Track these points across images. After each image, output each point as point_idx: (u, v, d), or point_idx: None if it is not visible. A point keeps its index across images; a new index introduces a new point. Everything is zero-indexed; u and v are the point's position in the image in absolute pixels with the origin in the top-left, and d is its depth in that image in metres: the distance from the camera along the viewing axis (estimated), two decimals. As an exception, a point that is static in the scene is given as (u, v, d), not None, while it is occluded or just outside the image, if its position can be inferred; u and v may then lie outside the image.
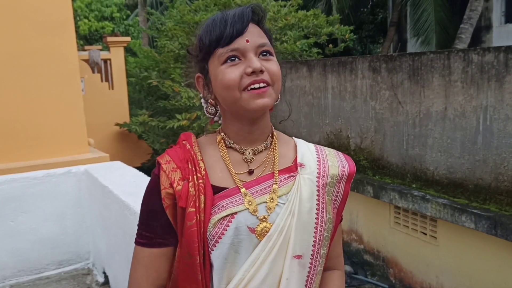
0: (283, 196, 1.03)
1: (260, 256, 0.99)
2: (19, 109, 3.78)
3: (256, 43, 0.99)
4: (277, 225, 1.00)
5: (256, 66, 0.96)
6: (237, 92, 0.97)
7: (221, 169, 1.05)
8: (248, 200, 1.01)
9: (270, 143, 1.09)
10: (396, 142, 5.04)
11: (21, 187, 3.44)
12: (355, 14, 14.93)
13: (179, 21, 8.92)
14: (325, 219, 1.05)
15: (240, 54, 0.97)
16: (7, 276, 3.42)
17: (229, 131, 1.07)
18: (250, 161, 1.06)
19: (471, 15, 9.17)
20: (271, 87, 0.99)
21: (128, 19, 17.39)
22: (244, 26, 0.98)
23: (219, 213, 1.00)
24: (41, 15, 3.92)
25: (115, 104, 9.03)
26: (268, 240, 0.99)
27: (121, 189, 2.87)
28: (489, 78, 3.98)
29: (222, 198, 1.01)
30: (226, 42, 0.97)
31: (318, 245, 1.04)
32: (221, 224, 0.99)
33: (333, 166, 1.10)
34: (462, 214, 4.09)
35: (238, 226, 0.99)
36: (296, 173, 1.06)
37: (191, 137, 1.10)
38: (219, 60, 0.99)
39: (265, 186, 1.04)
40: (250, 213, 1.00)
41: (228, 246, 0.99)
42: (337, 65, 5.85)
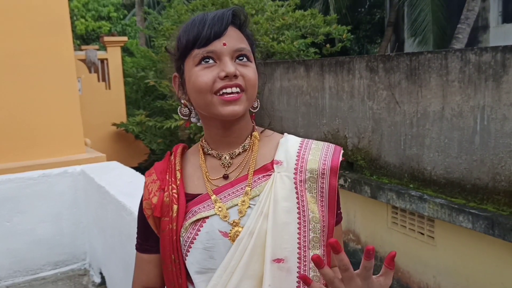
0: (255, 198, 0.99)
1: (232, 260, 0.96)
2: (14, 109, 3.77)
3: (234, 47, 0.96)
4: (247, 227, 0.96)
5: (229, 70, 0.93)
6: (209, 95, 0.95)
7: (198, 177, 1.06)
8: (218, 206, 1.00)
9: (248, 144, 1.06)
10: (393, 142, 5.04)
11: (17, 188, 3.42)
12: (352, 14, 14.93)
13: (177, 20, 8.91)
14: (308, 219, 0.98)
15: (215, 56, 0.95)
16: (3, 277, 3.40)
17: (207, 137, 1.08)
18: (227, 165, 1.04)
19: (468, 15, 9.18)
20: (244, 93, 0.96)
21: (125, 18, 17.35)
22: (223, 29, 0.96)
23: (191, 218, 1.01)
24: (37, 14, 3.91)
25: (112, 104, 9.01)
26: (238, 244, 0.96)
27: (117, 190, 2.86)
28: (486, 78, 3.98)
29: (194, 204, 1.02)
30: (203, 44, 0.95)
31: (304, 247, 0.97)
32: (192, 229, 1.00)
33: (313, 160, 1.02)
34: (459, 214, 4.08)
35: (210, 231, 0.98)
36: (272, 171, 1.01)
37: (179, 148, 1.12)
38: (194, 61, 0.97)
39: (238, 188, 1.01)
40: (220, 218, 0.99)
41: (200, 251, 0.99)
42: (334, 65, 5.84)
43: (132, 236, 2.49)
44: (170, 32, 8.66)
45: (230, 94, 0.94)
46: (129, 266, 2.63)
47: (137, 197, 2.64)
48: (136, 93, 9.81)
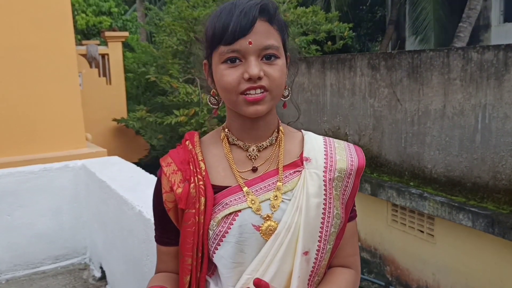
0: (288, 192, 1.00)
1: (268, 255, 0.97)
2: (16, 103, 3.77)
3: (260, 45, 0.93)
4: (284, 222, 0.97)
5: (253, 73, 0.92)
6: (234, 95, 0.95)
7: (223, 168, 1.04)
8: (251, 199, 0.98)
9: (275, 139, 1.06)
10: (394, 140, 5.04)
11: (18, 182, 3.41)
12: (353, 12, 14.90)
13: (178, 17, 8.89)
14: (333, 215, 1.01)
15: (240, 55, 0.94)
16: (3, 271, 3.40)
17: (232, 127, 1.05)
18: (254, 158, 1.03)
19: (470, 13, 9.17)
20: (268, 93, 0.95)
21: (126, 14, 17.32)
22: (249, 26, 0.92)
23: (223, 211, 0.98)
24: (39, 9, 3.90)
25: (112, 100, 9.00)
26: (276, 238, 0.97)
27: (119, 184, 2.85)
28: (488, 76, 3.98)
29: (225, 196, 1.00)
30: (228, 41, 0.93)
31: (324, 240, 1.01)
32: (224, 222, 0.98)
33: (341, 160, 1.05)
34: (459, 212, 4.09)
35: (243, 224, 0.97)
36: (302, 168, 1.03)
37: (194, 136, 1.09)
38: (220, 58, 0.95)
39: (269, 183, 1.01)
40: (253, 212, 0.98)
41: (233, 245, 0.97)
42: (336, 62, 5.84)
43: (133, 231, 2.50)
44: (171, 28, 8.64)
45: (254, 95, 0.94)
46: (130, 260, 2.63)
47: (139, 192, 2.65)
48: (137, 89, 9.80)
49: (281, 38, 0.99)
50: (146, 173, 3.17)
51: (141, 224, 2.32)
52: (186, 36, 8.39)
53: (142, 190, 2.68)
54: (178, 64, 8.34)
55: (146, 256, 2.29)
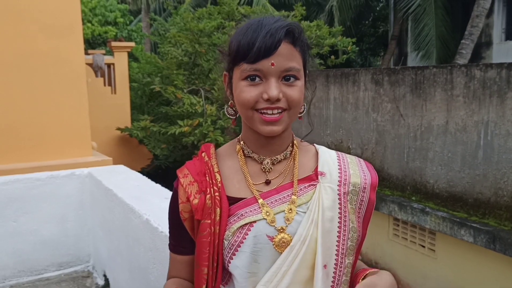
0: (302, 205, 1.02)
1: (283, 267, 0.98)
2: (24, 110, 3.81)
3: (282, 67, 0.95)
4: (299, 235, 0.99)
5: (272, 95, 0.94)
6: (250, 111, 0.98)
7: (238, 180, 1.06)
8: (265, 211, 1.00)
9: (290, 153, 1.08)
10: (396, 154, 5.08)
11: (25, 188, 3.44)
12: (356, 27, 15.06)
13: (183, 28, 8.98)
14: (348, 228, 1.03)
15: (262, 75, 0.95)
16: (8, 277, 3.42)
17: (247, 140, 1.07)
18: (268, 171, 1.05)
19: (472, 31, 9.26)
20: (286, 112, 0.98)
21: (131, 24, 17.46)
22: (273, 48, 0.94)
23: (238, 222, 1.00)
24: (49, 17, 3.96)
25: (117, 109, 9.05)
26: (291, 250, 0.99)
27: (125, 193, 2.88)
28: (491, 93, 4.03)
29: (240, 208, 1.02)
30: (251, 60, 0.94)
31: (341, 254, 1.02)
32: (240, 233, 1.00)
33: (355, 175, 1.08)
34: (461, 227, 4.11)
35: (257, 235, 0.99)
36: (317, 181, 1.05)
37: (210, 148, 1.11)
38: (241, 74, 0.98)
39: (284, 195, 1.03)
40: (268, 223, 1.00)
41: (247, 255, 0.99)
42: (339, 76, 5.90)
43: (139, 240, 2.53)
44: (176, 39, 8.73)
45: (271, 115, 0.97)
46: (134, 269, 2.65)
47: (145, 201, 2.68)
48: (141, 99, 9.85)
49: (302, 59, 1.02)
50: (152, 182, 3.20)
51: (148, 233, 2.34)
52: (191, 47, 8.47)
53: (149, 199, 2.72)
54: (183, 75, 8.41)
55: (152, 265, 2.32)
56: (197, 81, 8.58)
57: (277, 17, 1.00)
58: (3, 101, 3.73)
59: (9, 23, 3.76)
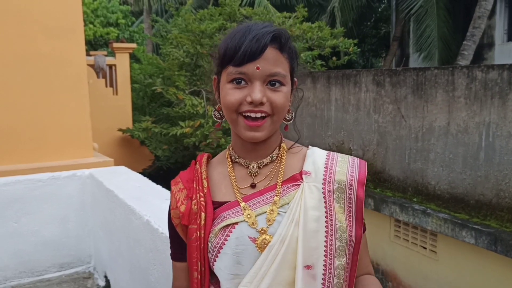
0: (285, 206, 1.02)
1: (262, 267, 0.99)
2: (25, 111, 3.82)
3: (267, 71, 0.96)
4: (278, 234, 0.99)
5: (256, 98, 0.95)
6: (234, 114, 0.99)
7: (225, 185, 1.09)
8: (247, 214, 1.02)
9: (276, 156, 1.09)
10: (398, 155, 5.07)
11: (26, 189, 3.45)
12: (358, 28, 15.06)
13: (184, 29, 8.99)
14: (335, 228, 1.01)
15: (247, 78, 0.97)
16: (9, 277, 3.43)
17: (235, 146, 1.10)
18: (255, 174, 1.07)
19: (474, 32, 9.25)
20: (270, 117, 0.99)
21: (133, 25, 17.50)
22: (259, 52, 0.95)
23: (220, 224, 1.03)
24: (50, 19, 3.97)
25: (118, 110, 9.07)
26: (270, 250, 0.99)
27: (126, 194, 2.88)
28: (492, 95, 4.02)
29: (223, 210, 1.04)
30: (237, 64, 0.96)
31: (330, 255, 1.00)
32: (222, 234, 1.02)
33: (341, 172, 1.06)
34: (462, 229, 4.10)
35: (239, 236, 1.01)
36: (301, 181, 1.05)
37: (203, 157, 1.14)
38: (227, 77, 0.99)
39: (267, 197, 1.04)
40: (249, 225, 1.01)
41: (230, 256, 1.00)
42: (341, 77, 5.89)
43: (140, 241, 2.53)
44: (178, 40, 8.74)
45: (254, 119, 0.98)
46: (135, 270, 2.65)
47: (146, 202, 2.68)
48: (143, 100, 9.86)
49: (289, 66, 1.02)
50: (153, 183, 3.20)
51: (149, 234, 2.35)
52: (192, 49, 8.48)
53: (150, 200, 2.72)
54: (184, 76, 8.42)
55: (153, 266, 2.32)
56: (199, 82, 8.59)
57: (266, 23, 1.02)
58: (5, 102, 3.74)
59: (11, 25, 3.77)
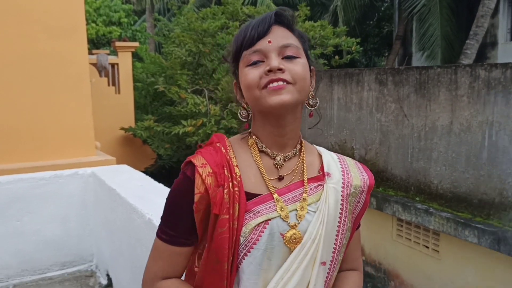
0: (312, 204, 1.05)
1: (294, 263, 1.01)
2: (28, 110, 3.82)
3: (280, 43, 0.99)
4: (310, 233, 1.02)
5: (273, 65, 0.96)
6: (257, 90, 0.98)
7: (254, 174, 1.05)
8: (280, 207, 1.02)
9: (299, 150, 1.11)
10: (400, 154, 5.06)
11: (28, 187, 3.45)
12: (361, 27, 15.02)
13: (187, 28, 8.98)
14: (346, 228, 1.08)
15: (262, 55, 0.99)
16: (11, 276, 3.43)
17: (260, 134, 1.07)
18: (280, 167, 1.06)
19: (477, 31, 9.22)
20: (291, 85, 0.98)
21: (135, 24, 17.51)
22: (266, 28, 0.99)
23: (255, 219, 1.00)
24: (52, 18, 3.97)
25: (121, 108, 9.07)
26: (302, 248, 1.02)
27: (128, 192, 2.88)
28: (495, 93, 4.01)
29: (256, 204, 1.02)
30: (249, 44, 1.00)
31: (337, 252, 1.07)
32: (256, 230, 1.00)
33: (356, 177, 1.12)
34: (465, 228, 4.09)
35: (272, 233, 1.01)
36: (324, 182, 1.09)
37: (225, 139, 1.08)
38: (244, 62, 1.01)
39: (296, 194, 1.05)
40: (282, 219, 1.01)
41: (262, 252, 1.00)
42: (343, 76, 5.88)
43: (141, 239, 2.53)
44: (180, 39, 8.73)
45: (276, 86, 0.97)
46: (137, 268, 2.65)
47: (148, 200, 2.68)
48: (145, 98, 9.86)
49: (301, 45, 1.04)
50: (156, 182, 3.20)
51: (151, 233, 2.34)
52: (195, 48, 8.47)
53: (152, 199, 2.71)
54: (187, 75, 8.42)
55: (154, 264, 2.31)
56: (201, 81, 8.59)
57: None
58: (7, 101, 3.74)
59: (13, 24, 3.77)
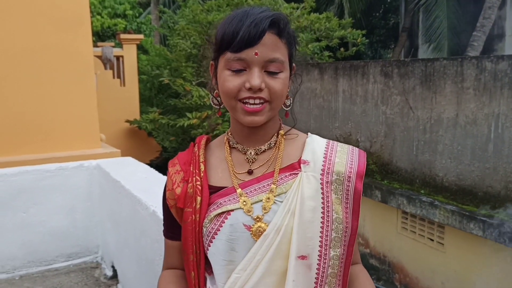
0: (281, 195, 1.01)
1: (257, 255, 0.99)
2: (33, 103, 3.83)
3: (266, 57, 0.95)
4: (274, 224, 0.99)
5: (254, 84, 0.94)
6: (233, 101, 0.99)
7: (222, 169, 1.08)
8: (243, 200, 1.01)
9: (274, 142, 1.08)
10: (406, 147, 5.04)
11: (34, 179, 3.47)
12: (366, 19, 14.91)
13: (192, 20, 8.97)
14: (332, 219, 1.01)
15: (246, 64, 0.96)
16: (17, 267, 3.46)
17: (233, 131, 1.10)
18: (252, 161, 1.07)
19: (484, 23, 9.14)
20: (268, 104, 0.98)
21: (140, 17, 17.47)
22: (257, 37, 0.94)
23: (216, 210, 1.02)
24: (57, 10, 3.96)
25: (126, 101, 9.09)
26: (264, 239, 0.98)
27: (133, 185, 2.89)
28: (502, 86, 3.98)
29: (219, 197, 1.04)
30: (235, 49, 0.95)
31: (325, 245, 1.00)
32: (217, 221, 1.02)
33: (340, 163, 1.05)
34: (470, 221, 4.08)
35: (234, 223, 1.00)
36: (299, 170, 1.04)
37: (202, 139, 1.14)
38: (225, 63, 0.98)
39: (264, 184, 1.03)
40: (244, 212, 1.01)
41: (223, 242, 1.00)
42: (348, 68, 5.86)
43: (146, 231, 2.54)
44: (185, 31, 8.72)
45: (253, 105, 0.97)
46: (142, 260, 2.67)
47: (153, 193, 2.69)
48: (150, 91, 9.87)
49: (288, 51, 1.01)
50: (160, 174, 3.21)
51: (155, 224, 2.35)
52: (200, 40, 8.46)
53: (156, 191, 2.72)
54: (192, 67, 8.41)
55: (159, 256, 2.32)
56: (206, 74, 8.57)
57: (264, 8, 1.01)
58: (13, 94, 3.75)
59: (18, 17, 3.77)
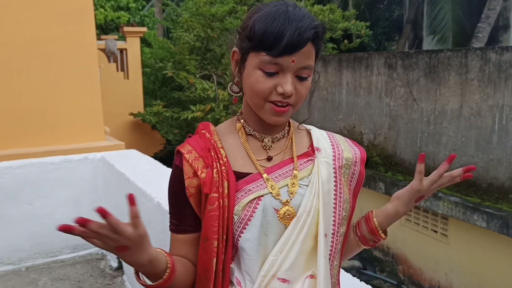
0: (304, 179, 1.08)
1: (291, 237, 1.04)
2: (37, 95, 3.84)
3: (300, 65, 0.98)
4: (304, 206, 1.05)
5: (288, 90, 0.98)
6: (262, 101, 1.01)
7: (241, 156, 1.09)
8: (270, 185, 1.05)
9: (287, 131, 1.15)
10: (409, 139, 5.04)
11: (39, 172, 3.50)
12: (371, 11, 14.82)
13: (195, 13, 8.93)
14: (343, 199, 1.10)
15: (279, 68, 0.98)
16: (23, 258, 3.50)
17: (249, 119, 1.11)
18: (269, 148, 1.10)
19: (489, 14, 9.08)
20: (293, 107, 1.03)
21: (144, 9, 17.43)
22: (299, 47, 0.96)
23: (247, 197, 1.04)
24: (61, 3, 3.97)
25: (130, 94, 9.09)
26: (297, 221, 1.04)
27: (137, 177, 2.91)
28: (506, 77, 3.96)
29: (247, 183, 1.05)
30: (274, 54, 0.96)
31: (338, 224, 1.09)
32: (249, 207, 1.03)
33: (346, 150, 1.16)
34: (474, 212, 4.08)
35: (265, 208, 1.03)
36: (314, 156, 1.12)
37: (209, 126, 1.14)
38: (259, 63, 0.99)
39: (286, 170, 1.08)
40: (273, 197, 1.04)
41: (258, 228, 1.03)
42: (352, 60, 5.84)
43: (151, 223, 2.56)
44: (189, 24, 8.69)
45: (281, 107, 1.01)
46: (147, 251, 2.69)
47: (157, 184, 2.70)
48: (154, 84, 9.86)
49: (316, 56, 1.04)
50: (164, 166, 3.22)
51: (160, 216, 2.37)
52: (203, 32, 8.43)
53: (160, 183, 2.74)
54: (195, 60, 8.40)
55: (164, 248, 2.34)
56: (209, 66, 8.57)
57: (302, 11, 1.00)
58: (18, 87, 3.77)
59: (22, 10, 3.78)
